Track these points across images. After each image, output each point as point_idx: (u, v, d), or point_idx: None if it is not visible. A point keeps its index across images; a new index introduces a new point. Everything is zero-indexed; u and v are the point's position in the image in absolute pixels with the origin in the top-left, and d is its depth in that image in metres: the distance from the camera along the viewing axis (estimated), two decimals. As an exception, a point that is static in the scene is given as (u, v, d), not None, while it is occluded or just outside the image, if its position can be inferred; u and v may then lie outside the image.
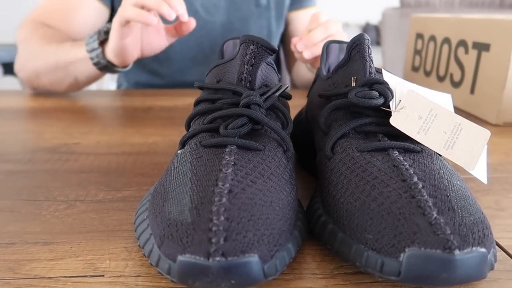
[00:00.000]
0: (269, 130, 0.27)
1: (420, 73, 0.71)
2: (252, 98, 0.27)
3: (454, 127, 0.27)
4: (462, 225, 0.19)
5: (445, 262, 0.18)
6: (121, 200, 0.32)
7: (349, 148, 0.26)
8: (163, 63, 0.78)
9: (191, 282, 0.19)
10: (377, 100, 0.27)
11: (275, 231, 0.20)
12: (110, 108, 0.59)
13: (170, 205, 0.22)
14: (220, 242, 0.18)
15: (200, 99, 0.31)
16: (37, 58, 0.64)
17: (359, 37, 0.29)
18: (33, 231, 0.27)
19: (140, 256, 0.24)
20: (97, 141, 0.45)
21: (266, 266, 0.19)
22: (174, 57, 0.77)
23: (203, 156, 0.24)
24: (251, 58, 0.28)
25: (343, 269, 0.23)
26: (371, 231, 0.21)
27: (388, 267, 0.19)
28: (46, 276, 0.23)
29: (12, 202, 0.31)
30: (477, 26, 0.56)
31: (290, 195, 0.24)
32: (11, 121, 0.53)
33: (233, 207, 0.20)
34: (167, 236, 0.20)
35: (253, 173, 0.23)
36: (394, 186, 0.22)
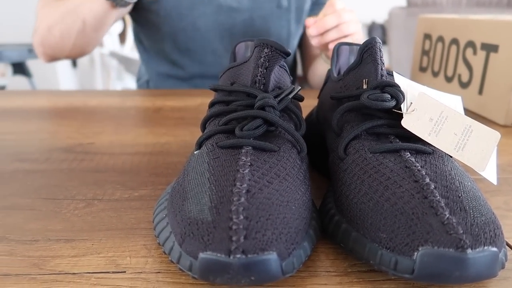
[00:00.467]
0: (283, 132, 0.28)
1: (428, 73, 0.71)
2: (266, 100, 0.27)
3: (465, 129, 0.28)
4: (474, 225, 0.20)
5: (457, 260, 0.19)
6: (138, 199, 0.32)
7: (362, 149, 0.27)
8: (184, 54, 0.80)
9: (212, 278, 0.19)
10: (389, 102, 0.27)
11: (292, 230, 0.21)
12: (121, 108, 0.60)
13: (189, 204, 0.23)
14: (241, 240, 0.19)
15: (214, 100, 0.31)
16: (50, 14, 0.67)
17: (371, 41, 0.29)
18: (55, 228, 0.28)
19: (159, 254, 0.25)
20: (111, 141, 0.46)
21: (284, 263, 0.20)
22: (195, 49, 0.79)
23: (220, 157, 0.25)
24: (265, 61, 0.29)
25: (356, 267, 0.24)
26: (385, 230, 0.21)
27: (402, 265, 0.20)
28: (70, 272, 0.24)
29: (32, 201, 0.32)
30: (486, 27, 0.56)
31: (305, 195, 0.24)
32: (26, 121, 0.54)
33: (252, 207, 0.21)
34: (188, 234, 0.21)
35: (269, 174, 0.24)
36: (407, 186, 0.23)
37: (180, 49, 0.79)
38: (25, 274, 0.23)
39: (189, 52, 0.80)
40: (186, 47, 0.79)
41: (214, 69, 0.81)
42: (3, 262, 0.24)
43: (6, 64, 1.74)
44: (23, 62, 1.77)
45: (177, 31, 0.77)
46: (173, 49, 0.79)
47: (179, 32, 0.77)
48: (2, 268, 0.24)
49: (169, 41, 0.79)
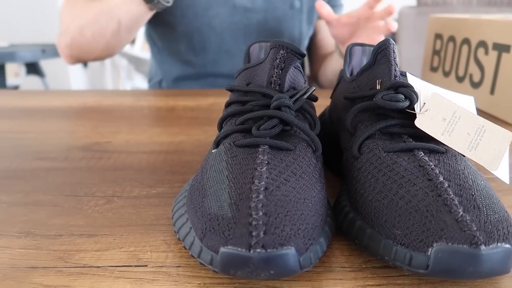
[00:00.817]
0: (298, 131, 0.29)
1: (439, 73, 0.71)
2: (282, 100, 0.28)
3: (478, 128, 0.28)
4: (487, 222, 0.21)
5: (471, 256, 0.19)
6: (155, 196, 0.33)
7: (376, 148, 0.27)
8: (198, 53, 0.81)
9: (233, 272, 0.20)
10: (403, 102, 0.28)
11: (309, 226, 0.22)
12: (134, 108, 0.62)
13: (209, 200, 0.24)
14: (260, 235, 0.20)
15: (231, 101, 0.32)
16: (82, 14, 0.67)
17: (385, 42, 0.30)
18: (77, 224, 0.29)
19: (179, 249, 0.26)
20: (127, 140, 0.47)
21: (302, 258, 0.21)
22: (210, 48, 0.80)
23: (238, 156, 0.26)
24: (281, 62, 0.30)
25: (370, 263, 0.25)
26: (400, 227, 0.22)
27: (417, 261, 0.21)
28: (95, 265, 0.25)
29: (54, 197, 0.33)
30: (498, 27, 0.56)
31: (321, 193, 0.25)
32: (43, 120, 0.55)
33: (270, 203, 0.22)
34: (209, 229, 0.22)
35: (286, 172, 0.25)
36: (421, 185, 0.23)
37: (195, 49, 0.81)
38: (51, 267, 0.24)
39: (203, 52, 0.81)
40: (201, 47, 0.80)
41: (228, 68, 0.83)
42: (31, 256, 0.25)
43: (20, 64, 1.77)
44: (36, 62, 1.80)
45: (193, 31, 0.78)
46: (188, 49, 0.81)
47: (194, 32, 0.78)
48: (30, 261, 0.25)
49: (184, 41, 0.80)
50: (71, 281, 0.23)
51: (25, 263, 0.25)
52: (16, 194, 0.33)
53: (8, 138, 0.48)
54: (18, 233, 0.28)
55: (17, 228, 0.29)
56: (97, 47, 0.69)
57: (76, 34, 0.68)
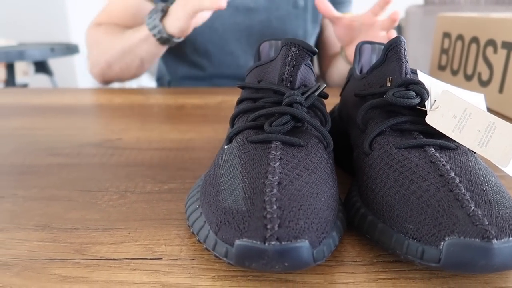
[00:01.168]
0: (309, 128, 0.29)
1: (447, 72, 0.71)
2: (294, 97, 0.28)
3: (488, 125, 0.28)
4: (499, 217, 0.21)
5: (483, 250, 0.20)
6: (168, 192, 0.34)
7: (387, 145, 0.28)
8: (202, 55, 0.82)
9: (248, 264, 0.21)
10: (414, 99, 0.28)
11: (322, 220, 0.22)
12: (145, 106, 0.62)
13: (223, 195, 0.24)
14: (275, 228, 0.20)
15: (242, 98, 0.33)
16: (107, 50, 0.73)
17: (396, 40, 0.30)
18: (92, 218, 0.30)
19: (192, 242, 0.27)
20: (138, 137, 0.48)
21: (315, 251, 0.21)
22: (213, 51, 0.81)
23: (251, 151, 0.26)
24: (292, 59, 0.30)
25: (381, 257, 0.25)
26: (412, 221, 0.22)
27: (429, 254, 0.21)
28: (111, 257, 0.25)
29: (69, 192, 0.34)
30: (507, 26, 0.56)
31: (333, 188, 0.26)
32: (55, 117, 0.56)
33: (284, 198, 0.22)
34: (224, 222, 0.22)
35: (299, 167, 0.25)
36: (432, 180, 0.23)
37: (199, 51, 0.81)
38: (69, 259, 0.25)
39: (207, 54, 0.82)
40: (205, 49, 0.81)
41: (232, 69, 0.83)
42: (48, 248, 0.26)
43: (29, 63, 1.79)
44: (45, 61, 1.82)
45: (195, 33, 0.79)
46: (192, 51, 0.81)
47: (198, 34, 0.79)
48: (48, 253, 0.25)
49: (188, 43, 0.80)
50: (89, 273, 0.24)
51: (43, 255, 0.25)
52: (32, 189, 0.34)
53: (21, 134, 0.48)
54: (35, 226, 0.29)
55: (34, 221, 0.29)
56: (125, 77, 0.77)
57: (106, 68, 0.74)
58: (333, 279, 0.23)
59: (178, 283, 0.23)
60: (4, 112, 0.59)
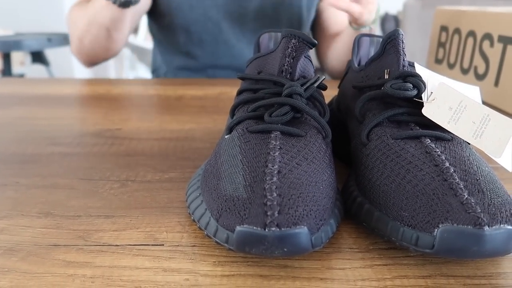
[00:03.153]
0: (309, 118, 0.30)
1: (444, 65, 0.72)
2: (294, 88, 0.29)
3: (483, 117, 0.29)
4: (491, 205, 0.22)
5: (475, 236, 0.20)
6: (168, 181, 0.34)
7: (384, 135, 0.28)
8: (196, 45, 0.81)
9: (248, 249, 0.21)
10: (411, 91, 0.29)
11: (320, 207, 0.23)
12: (144, 97, 0.63)
13: (224, 183, 0.25)
14: (275, 215, 0.21)
15: (242, 88, 0.33)
16: (77, 26, 0.72)
17: (394, 32, 0.31)
18: (94, 206, 0.30)
19: (193, 229, 0.27)
20: (137, 127, 0.48)
21: (314, 237, 0.22)
22: (207, 40, 0.80)
23: (251, 141, 0.27)
24: (292, 51, 0.30)
25: (377, 244, 0.26)
26: (407, 209, 0.23)
27: (423, 241, 0.22)
28: (113, 244, 0.26)
29: (71, 181, 0.34)
30: (503, 20, 0.57)
31: (331, 177, 0.26)
32: (55, 107, 0.56)
33: (284, 185, 0.23)
34: (225, 209, 0.23)
35: (298, 157, 0.26)
36: (427, 170, 0.24)
37: (193, 41, 0.81)
38: (72, 245, 0.26)
39: (201, 43, 0.81)
40: (199, 38, 0.80)
41: (226, 59, 0.82)
42: (52, 234, 0.27)
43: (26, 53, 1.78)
44: (41, 51, 1.81)
45: (189, 23, 0.79)
46: (186, 40, 0.81)
47: (191, 24, 0.78)
48: (52, 239, 0.26)
49: (182, 33, 0.80)
50: (92, 258, 0.24)
51: (47, 241, 0.26)
52: (34, 178, 0.35)
53: (22, 124, 0.49)
54: (38, 213, 0.29)
55: (37, 209, 0.30)
56: (98, 51, 0.74)
57: (78, 44, 0.73)
58: (330, 265, 0.24)
59: (179, 268, 0.23)
60: (4, 102, 0.59)
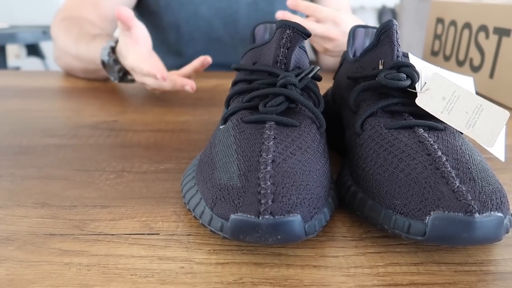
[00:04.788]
0: (303, 109, 0.30)
1: (440, 57, 0.72)
2: (288, 79, 0.29)
3: (476, 107, 0.29)
4: (482, 193, 0.22)
5: (466, 223, 0.21)
6: (164, 172, 0.35)
7: (378, 125, 0.28)
8: (188, 44, 0.80)
9: (242, 237, 0.22)
10: (405, 81, 0.29)
11: (314, 196, 0.23)
12: (140, 89, 0.62)
13: (219, 172, 0.25)
14: (269, 203, 0.21)
15: (237, 79, 0.33)
16: (67, 57, 0.66)
17: (389, 23, 0.31)
18: (90, 196, 0.30)
19: (188, 219, 0.27)
20: (133, 119, 0.48)
21: (307, 225, 0.22)
22: (199, 38, 0.79)
23: (246, 131, 0.27)
24: (287, 41, 0.30)
25: (370, 233, 0.26)
26: (399, 197, 0.23)
27: (415, 228, 0.22)
28: (109, 233, 0.26)
29: (66, 172, 0.34)
30: (499, 12, 0.57)
31: (325, 166, 0.26)
32: (51, 99, 0.56)
33: (277, 174, 0.23)
34: (219, 198, 0.23)
35: (292, 146, 0.26)
36: (420, 159, 0.24)
37: (184, 39, 0.79)
38: (68, 234, 0.26)
39: (193, 42, 0.79)
40: (190, 37, 0.78)
41: (220, 57, 0.79)
42: (48, 224, 0.27)
43: (21, 46, 1.77)
44: (37, 44, 1.79)
45: (180, 21, 0.77)
46: (177, 39, 0.79)
47: (182, 22, 0.77)
48: (48, 229, 0.26)
49: (172, 31, 0.78)
50: (88, 247, 0.24)
51: (43, 231, 0.26)
52: (30, 169, 0.35)
53: (18, 116, 0.49)
54: (34, 203, 0.29)
55: (33, 199, 0.30)
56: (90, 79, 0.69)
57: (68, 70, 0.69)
58: (324, 253, 0.24)
59: (174, 256, 0.24)
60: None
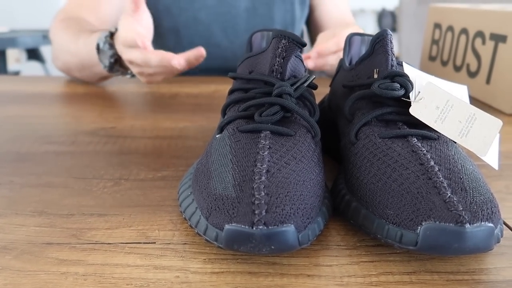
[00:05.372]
0: (298, 118, 0.30)
1: (437, 62, 0.72)
2: (284, 88, 0.29)
3: (469, 117, 0.29)
4: (473, 203, 0.22)
5: (457, 234, 0.21)
6: (161, 179, 0.35)
7: (372, 134, 0.29)
8: (186, 48, 0.80)
9: (237, 247, 0.22)
10: (398, 91, 0.29)
11: (307, 206, 0.23)
12: (139, 95, 0.63)
13: (214, 182, 0.25)
14: (262, 213, 0.21)
15: (234, 88, 0.33)
16: (65, 54, 0.67)
17: (383, 33, 0.31)
18: (88, 204, 0.31)
19: (185, 227, 0.28)
20: (131, 125, 0.49)
21: (301, 235, 0.22)
22: (198, 43, 0.79)
23: (241, 140, 0.27)
24: (282, 51, 0.31)
25: (364, 242, 0.26)
26: (392, 207, 0.24)
27: (407, 238, 0.22)
28: (106, 242, 0.26)
29: (65, 179, 0.35)
30: (495, 18, 0.57)
31: (319, 176, 0.27)
32: (50, 105, 0.56)
33: (272, 185, 0.23)
34: (214, 208, 0.23)
35: (287, 156, 0.26)
36: (413, 169, 0.25)
37: (183, 44, 0.79)
38: (65, 243, 0.26)
39: (192, 47, 0.78)
40: (189, 42, 0.78)
41: (218, 62, 0.80)
42: (46, 233, 0.27)
43: (21, 50, 1.78)
44: (37, 48, 1.80)
45: (179, 26, 0.77)
46: (176, 44, 0.79)
47: (181, 27, 0.77)
48: (45, 238, 0.26)
49: (171, 36, 0.79)
50: (85, 256, 0.25)
51: (40, 240, 0.26)
52: (28, 176, 0.35)
53: (17, 123, 0.49)
54: (32, 212, 0.30)
55: (31, 207, 0.30)
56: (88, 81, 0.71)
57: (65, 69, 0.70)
58: (318, 262, 0.24)
59: (170, 266, 0.24)
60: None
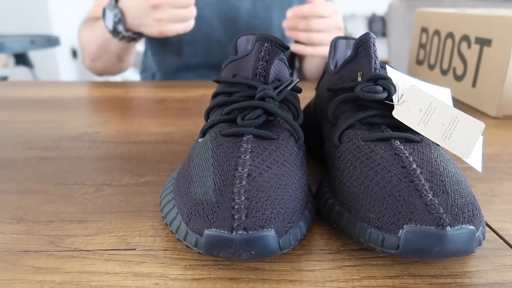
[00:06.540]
0: (282, 121, 0.30)
1: (425, 66, 0.73)
2: (266, 91, 0.29)
3: (452, 119, 0.30)
4: (454, 205, 0.22)
5: (437, 237, 0.21)
6: (144, 185, 0.34)
7: (355, 138, 0.29)
8: (189, 44, 0.82)
9: (216, 252, 0.21)
10: (381, 94, 0.29)
11: (289, 210, 0.23)
12: (125, 99, 0.62)
13: (195, 187, 0.25)
14: (242, 218, 0.21)
15: (217, 92, 0.33)
16: (87, 47, 0.76)
17: (366, 36, 0.31)
18: (68, 211, 0.30)
19: (166, 233, 0.27)
20: (116, 130, 0.48)
21: (281, 240, 0.22)
22: (200, 38, 0.82)
23: (223, 144, 0.27)
24: (265, 54, 0.31)
25: (348, 246, 0.26)
26: (374, 211, 0.23)
27: (388, 242, 0.22)
28: (85, 249, 0.26)
29: (45, 185, 0.34)
30: (480, 22, 0.58)
31: (302, 180, 0.26)
32: (34, 110, 0.56)
33: (252, 189, 0.23)
34: (194, 213, 0.23)
35: (269, 160, 0.26)
36: (395, 172, 0.25)
37: (186, 39, 0.82)
38: (43, 250, 0.25)
39: (194, 42, 0.82)
40: (192, 37, 0.81)
41: (218, 58, 0.84)
42: (23, 240, 0.26)
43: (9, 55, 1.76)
44: (25, 53, 1.78)
45: None
46: (179, 39, 0.82)
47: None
48: (22, 245, 0.26)
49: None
50: (62, 264, 0.24)
51: (17, 247, 0.26)
52: (8, 183, 0.34)
53: (0, 128, 0.48)
54: (10, 219, 0.29)
55: (9, 214, 0.29)
56: (110, 70, 0.80)
57: (90, 63, 0.79)
58: (300, 267, 0.24)
59: (150, 272, 0.23)
60: (-19, 106, 0.58)
